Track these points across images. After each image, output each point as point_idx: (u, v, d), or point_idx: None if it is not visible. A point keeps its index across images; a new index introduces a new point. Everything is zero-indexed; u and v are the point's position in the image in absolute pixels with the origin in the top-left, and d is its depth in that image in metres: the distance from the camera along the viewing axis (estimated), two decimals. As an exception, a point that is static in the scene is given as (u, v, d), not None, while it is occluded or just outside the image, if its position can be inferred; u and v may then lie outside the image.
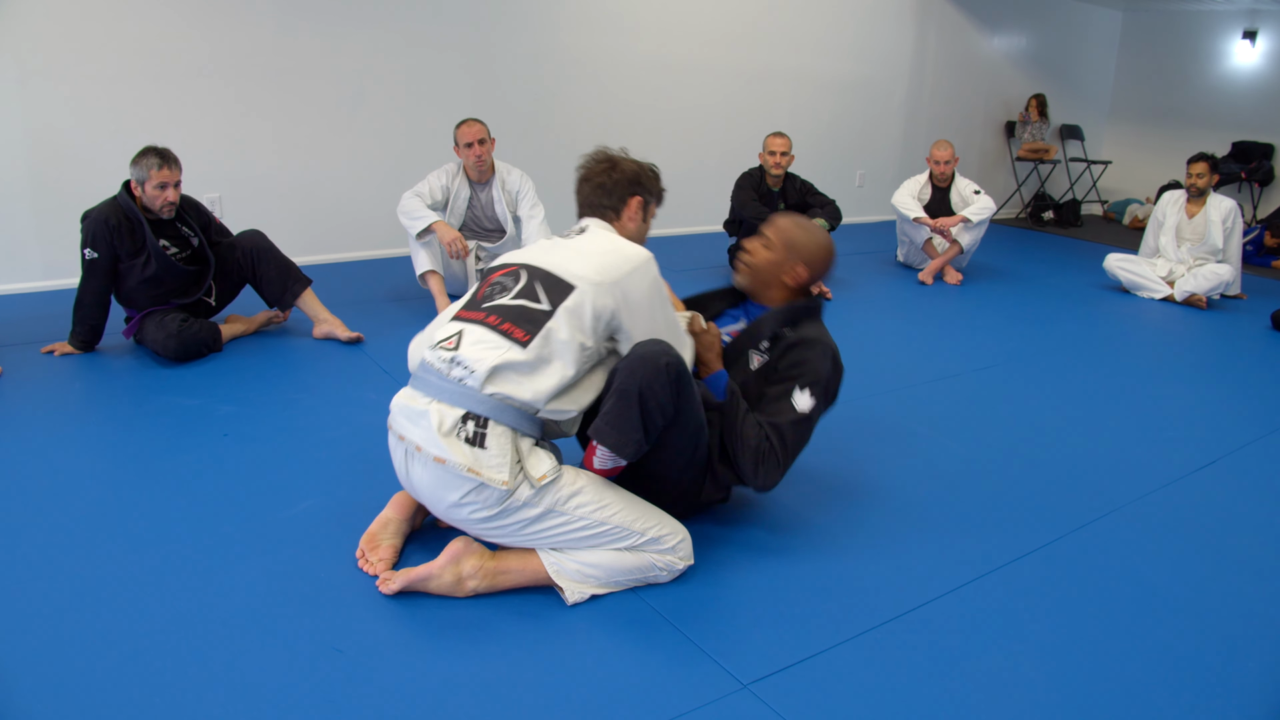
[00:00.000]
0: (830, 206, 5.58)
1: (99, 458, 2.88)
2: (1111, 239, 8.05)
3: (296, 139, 5.35)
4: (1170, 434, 3.55)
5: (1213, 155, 5.89)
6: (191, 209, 3.85)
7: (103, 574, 2.20)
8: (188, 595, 2.12)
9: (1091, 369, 4.33)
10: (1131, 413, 3.76)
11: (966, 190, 6.09)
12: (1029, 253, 7.46)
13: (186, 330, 3.67)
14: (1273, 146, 8.71)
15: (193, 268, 3.81)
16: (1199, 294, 5.65)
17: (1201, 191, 5.86)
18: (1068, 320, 5.28)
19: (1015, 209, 9.59)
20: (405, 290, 4.89)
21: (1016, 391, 3.92)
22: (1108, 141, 10.02)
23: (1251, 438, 3.53)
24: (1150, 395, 4.01)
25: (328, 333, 4.07)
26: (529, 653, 1.94)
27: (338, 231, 5.62)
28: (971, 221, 5.91)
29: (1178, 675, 2.04)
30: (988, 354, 4.47)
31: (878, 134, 8.33)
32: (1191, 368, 4.63)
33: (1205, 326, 5.31)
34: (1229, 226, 5.79)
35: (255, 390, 3.45)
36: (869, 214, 8.25)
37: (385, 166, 5.61)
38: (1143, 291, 5.90)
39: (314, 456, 2.90)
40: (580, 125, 6.41)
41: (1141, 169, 9.60)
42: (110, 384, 3.48)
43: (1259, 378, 4.39)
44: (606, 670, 1.91)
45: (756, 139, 5.90)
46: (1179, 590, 2.40)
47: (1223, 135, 8.96)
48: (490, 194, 4.62)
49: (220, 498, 2.60)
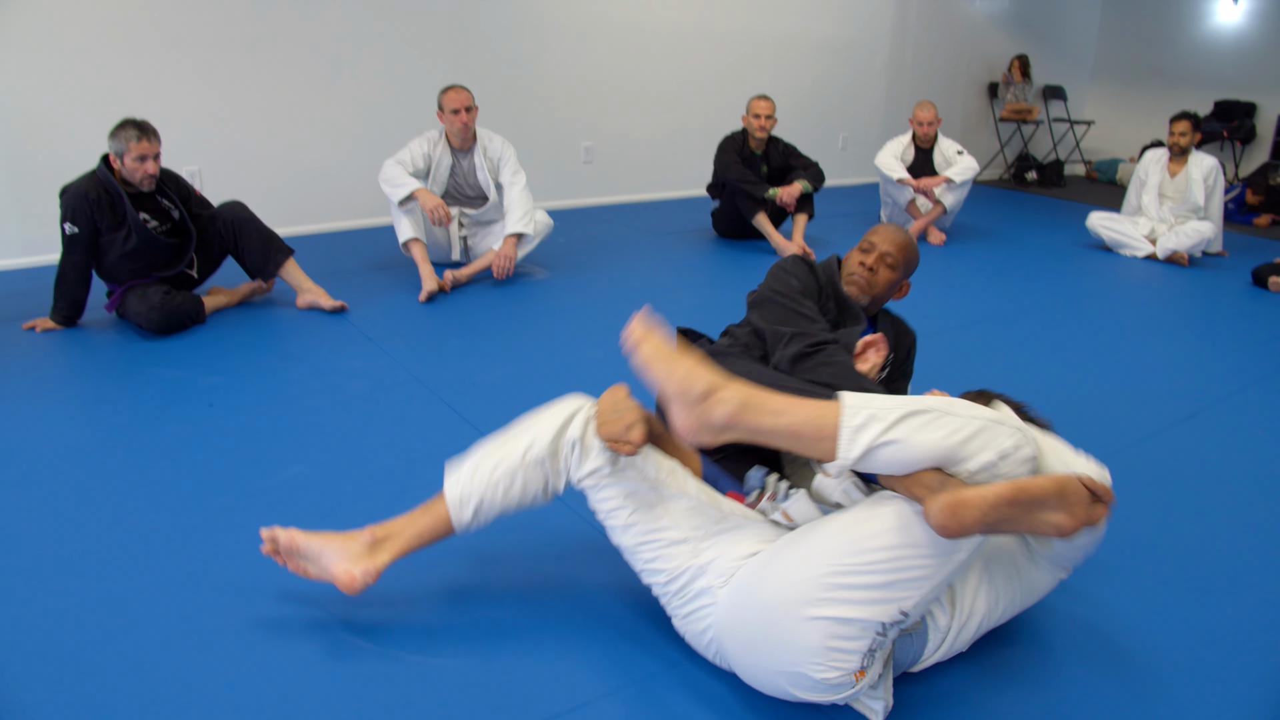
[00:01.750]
0: (813, 169, 5.59)
1: (84, 431, 2.88)
2: (1095, 198, 8.06)
3: (276, 109, 5.30)
4: (1151, 388, 3.58)
5: (1195, 114, 5.90)
6: (171, 181, 3.82)
7: (90, 543, 2.21)
8: (175, 563, 2.14)
9: (1074, 326, 4.36)
10: (1113, 368, 3.79)
11: (950, 151, 6.09)
12: (1012, 213, 7.47)
13: (169, 303, 3.66)
14: (1255, 105, 8.71)
15: (174, 240, 3.79)
16: (1181, 251, 5.68)
17: (1184, 150, 5.86)
18: (1050, 279, 5.30)
19: (998, 170, 9.58)
20: (388, 259, 4.87)
21: (998, 349, 3.94)
22: (1090, 101, 10.01)
23: (1231, 391, 3.57)
24: (1132, 351, 4.04)
25: (311, 302, 4.06)
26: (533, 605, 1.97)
27: (319, 201, 5.59)
28: (955, 182, 5.91)
29: (1158, 627, 2.09)
30: (970, 312, 4.49)
31: (860, 96, 8.30)
32: (1173, 324, 4.67)
33: (1187, 283, 5.34)
34: (1210, 184, 5.80)
35: (240, 361, 3.45)
36: (852, 176, 8.25)
37: (366, 135, 5.57)
38: (1125, 250, 5.92)
39: (300, 425, 2.91)
40: (562, 91, 6.37)
41: (1124, 129, 9.60)
42: (93, 358, 3.47)
43: (1239, 333, 4.43)
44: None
45: (739, 102, 5.88)
46: (1160, 541, 2.44)
47: (1205, 94, 8.95)
48: (472, 161, 4.61)
49: (207, 467, 2.61)
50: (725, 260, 5.39)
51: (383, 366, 3.43)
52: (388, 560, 1.88)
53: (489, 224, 4.77)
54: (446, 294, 4.37)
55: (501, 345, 3.73)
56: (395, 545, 1.89)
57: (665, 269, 5.11)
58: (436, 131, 4.57)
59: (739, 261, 5.32)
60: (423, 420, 2.98)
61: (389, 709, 1.70)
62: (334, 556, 1.87)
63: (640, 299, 4.41)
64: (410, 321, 3.98)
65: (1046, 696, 1.83)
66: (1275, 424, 3.29)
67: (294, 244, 4.14)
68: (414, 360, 3.49)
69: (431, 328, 3.92)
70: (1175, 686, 1.88)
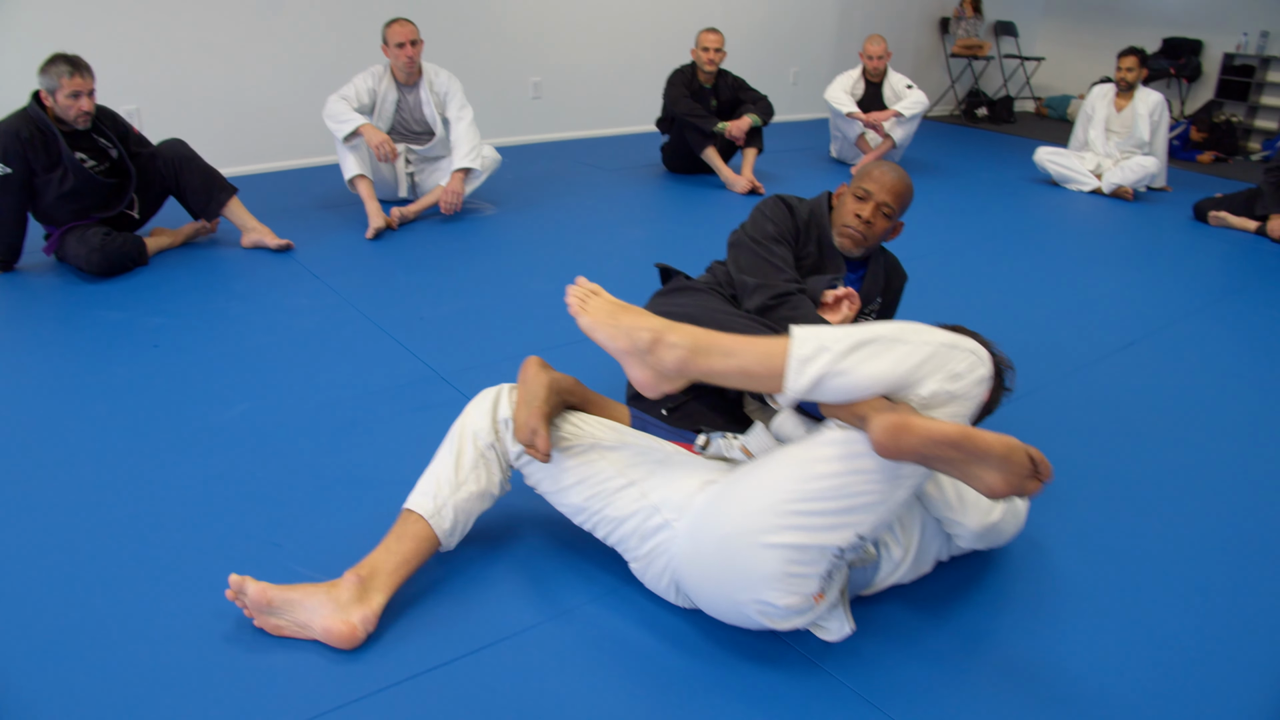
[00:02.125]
0: (762, 102, 5.57)
1: (26, 375, 2.83)
2: (1045, 135, 8.11)
3: (216, 44, 5.14)
4: (1093, 318, 3.66)
5: (1142, 50, 5.94)
6: (108, 119, 3.71)
7: (37, 484, 2.19)
8: (124, 501, 2.13)
9: (1019, 259, 4.42)
10: (1057, 299, 3.86)
11: (899, 85, 6.09)
12: (962, 148, 7.50)
13: (110, 244, 3.58)
14: (1201, 43, 8.78)
15: (112, 180, 3.69)
16: (1126, 186, 5.75)
17: (1130, 85, 5.91)
18: (998, 213, 5.36)
19: (950, 106, 9.60)
20: (335, 197, 4.80)
21: (942, 282, 3.99)
22: (1041, 38, 10.03)
23: (1169, 320, 3.66)
24: (1076, 283, 4.12)
25: (256, 241, 4.00)
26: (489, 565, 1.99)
27: (263, 140, 5.47)
28: (904, 116, 5.93)
29: (1092, 545, 2.16)
30: (917, 246, 4.52)
31: (811, 30, 8.24)
32: (1116, 256, 4.75)
33: (1131, 217, 5.43)
34: (1156, 120, 5.87)
35: (184, 302, 3.40)
36: (803, 111, 8.22)
37: (310, 70, 5.44)
38: (1072, 184, 5.99)
39: (246, 363, 2.89)
40: (510, 24, 6.24)
41: (1074, 65, 9.63)
42: (33, 302, 3.40)
43: (1179, 265, 4.52)
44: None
45: (689, 35, 5.82)
46: (1095, 462, 2.53)
47: (1153, 31, 9.00)
48: (418, 96, 4.53)
49: (153, 406, 2.59)
50: (674, 195, 5.38)
51: (330, 304, 3.40)
52: (384, 599, 1.74)
53: (436, 160, 4.71)
54: (394, 231, 4.32)
55: (449, 281, 3.71)
56: (386, 581, 1.76)
57: (614, 204, 5.09)
58: (381, 66, 4.48)
59: (688, 196, 5.31)
60: (371, 355, 2.97)
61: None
62: (318, 609, 1.69)
63: (589, 234, 4.42)
64: (357, 259, 3.94)
65: (978, 617, 1.89)
66: (1208, 351, 3.39)
67: (238, 184, 4.05)
68: (362, 297, 3.47)
69: (379, 265, 3.89)
70: (1103, 602, 1.95)
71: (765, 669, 1.69)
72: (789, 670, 1.70)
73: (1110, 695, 1.67)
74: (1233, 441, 2.70)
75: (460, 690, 1.62)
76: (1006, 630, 1.84)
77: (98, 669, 1.62)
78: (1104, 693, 1.68)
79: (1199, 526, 2.25)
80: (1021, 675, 1.72)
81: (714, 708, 1.60)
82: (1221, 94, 8.52)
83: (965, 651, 1.78)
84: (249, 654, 1.67)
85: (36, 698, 1.55)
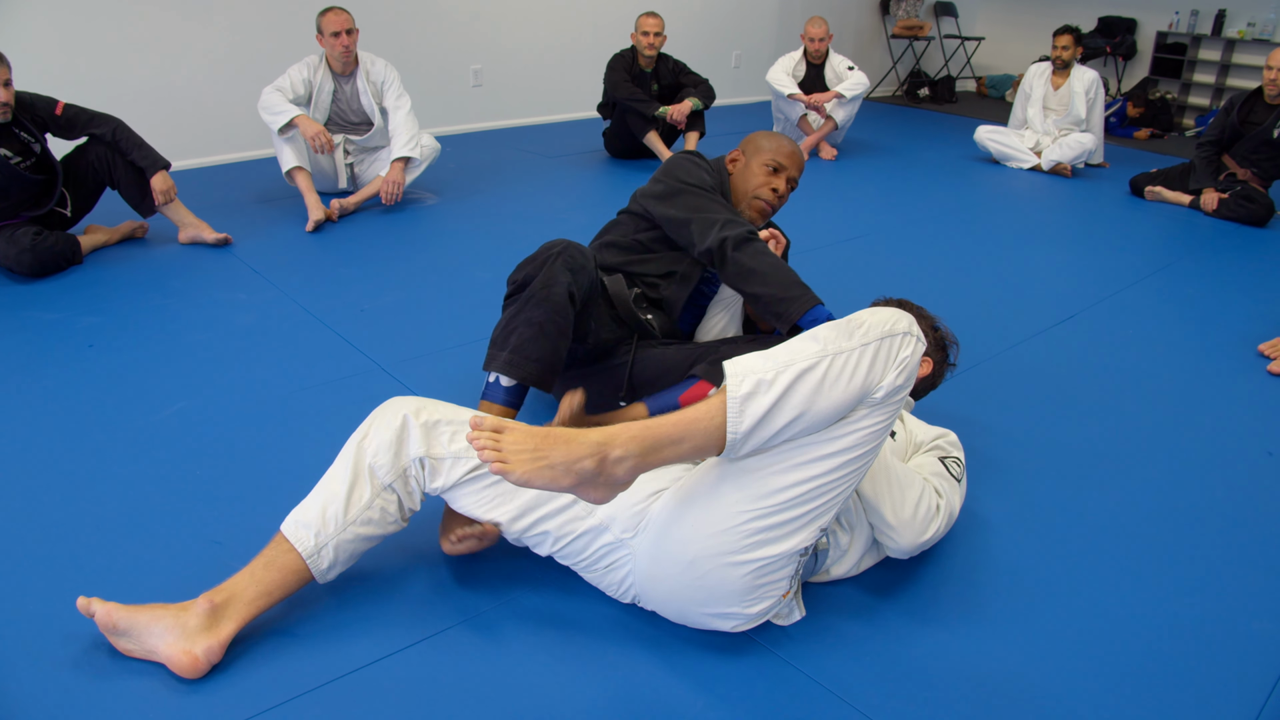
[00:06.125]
0: (704, 86, 5.57)
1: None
2: (986, 114, 8.20)
3: (145, 37, 5.02)
4: (1031, 294, 3.71)
5: (1077, 28, 6.04)
6: (27, 110, 3.57)
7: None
8: (59, 503, 2.08)
9: (959, 236, 4.47)
10: (996, 275, 3.91)
11: (840, 67, 6.12)
12: (904, 128, 7.57)
13: (41, 244, 3.48)
14: (1135, 21, 8.92)
15: (40, 177, 3.58)
16: (1064, 163, 5.84)
17: (1066, 63, 6.00)
18: (939, 191, 5.41)
19: (891, 86, 9.67)
20: (273, 191, 4.72)
21: (882, 260, 4.03)
22: (981, 18, 10.13)
23: (1106, 294, 3.72)
24: (1014, 259, 4.17)
25: (194, 236, 3.92)
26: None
27: (197, 134, 5.35)
28: (845, 97, 5.96)
29: (1032, 515, 2.20)
30: (860, 225, 4.57)
31: (753, 14, 8.25)
32: (1055, 232, 4.82)
33: (1069, 193, 5.51)
34: (1092, 97, 5.96)
35: (119, 300, 3.32)
36: (746, 94, 8.25)
37: (243, 62, 5.33)
38: (1011, 162, 6.07)
39: (184, 361, 2.84)
40: (448, 11, 6.17)
41: (1014, 45, 9.75)
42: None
43: (1116, 240, 4.60)
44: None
45: (629, 20, 5.79)
46: (1035, 434, 2.57)
47: (1090, 11, 9.14)
48: (355, 86, 4.47)
49: (88, 407, 2.53)
50: (617, 180, 5.36)
51: (270, 298, 3.35)
52: (234, 630, 1.61)
53: (375, 150, 4.66)
54: (334, 223, 4.27)
55: (391, 272, 3.67)
56: (241, 610, 1.62)
57: (556, 191, 5.06)
58: (316, 56, 4.42)
59: (631, 181, 5.30)
60: (312, 349, 2.93)
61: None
62: (164, 634, 1.58)
63: (532, 222, 4.40)
64: (297, 252, 3.88)
65: (919, 591, 1.92)
66: (1145, 323, 3.46)
67: (174, 179, 3.96)
68: (302, 291, 3.42)
69: (319, 257, 3.84)
70: (1044, 572, 1.99)
71: (711, 653, 1.70)
72: (739, 654, 1.70)
73: (1048, 665, 1.70)
74: (1168, 410, 2.76)
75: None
76: (946, 606, 1.87)
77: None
78: (1042, 662, 1.71)
79: (1137, 494, 2.30)
80: (959, 655, 1.75)
81: (672, 694, 1.61)
82: (1156, 71, 8.67)
83: (912, 630, 1.80)
84: (91, 679, 1.58)
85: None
